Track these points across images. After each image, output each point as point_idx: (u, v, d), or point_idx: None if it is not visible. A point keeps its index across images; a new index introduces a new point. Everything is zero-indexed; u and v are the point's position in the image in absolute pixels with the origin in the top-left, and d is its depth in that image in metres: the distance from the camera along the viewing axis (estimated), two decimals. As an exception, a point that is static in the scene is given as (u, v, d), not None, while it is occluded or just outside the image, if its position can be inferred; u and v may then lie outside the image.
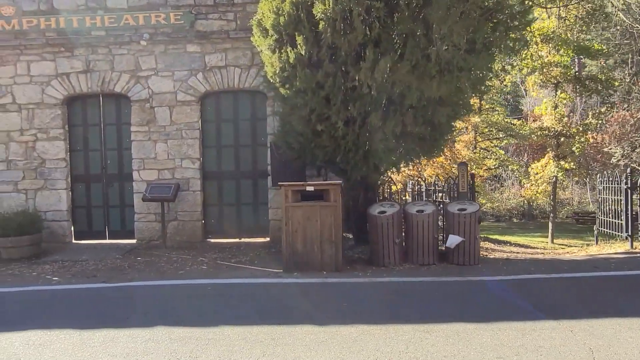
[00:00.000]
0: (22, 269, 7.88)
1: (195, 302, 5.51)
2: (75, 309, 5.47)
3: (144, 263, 7.91)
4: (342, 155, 6.84)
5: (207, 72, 9.06)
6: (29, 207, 9.23)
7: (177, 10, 8.94)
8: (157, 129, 9.17)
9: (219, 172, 9.36)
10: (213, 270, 7.25)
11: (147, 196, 8.73)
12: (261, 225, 9.34)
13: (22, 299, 5.99)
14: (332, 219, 6.62)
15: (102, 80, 9.19)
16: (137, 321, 4.81)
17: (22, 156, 9.33)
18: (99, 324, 4.74)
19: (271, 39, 6.61)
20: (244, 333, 4.38)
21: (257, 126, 9.29)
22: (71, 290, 6.33)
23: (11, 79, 9.30)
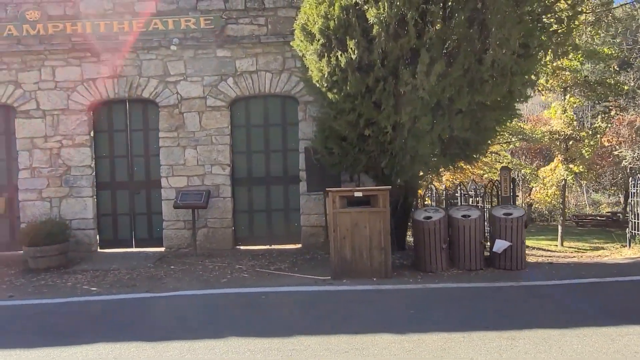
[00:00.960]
0: (54, 279, 7.67)
1: (254, 311, 5.38)
2: (133, 320, 5.30)
3: (180, 271, 7.75)
4: (388, 160, 6.77)
5: (237, 77, 8.95)
6: (53, 215, 9.03)
7: (207, 15, 8.84)
8: (186, 135, 9.03)
9: (249, 178, 9.24)
10: (256, 278, 7.12)
11: (178, 203, 8.57)
12: (292, 232, 9.22)
13: (70, 311, 5.80)
14: (381, 225, 6.54)
15: (129, 86, 9.03)
16: (206, 332, 4.67)
17: (46, 163, 9.12)
18: (168, 336, 4.59)
19: (318, 44, 6.54)
20: (323, 343, 4.27)
21: (288, 131, 9.19)
22: (118, 301, 6.15)
23: (35, 85, 9.10)
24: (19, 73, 9.08)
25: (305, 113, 8.92)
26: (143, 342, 4.45)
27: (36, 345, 4.50)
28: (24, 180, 9.13)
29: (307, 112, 8.91)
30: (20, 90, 9.09)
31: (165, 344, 4.38)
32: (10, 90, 9.08)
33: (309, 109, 8.91)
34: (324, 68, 6.46)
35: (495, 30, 5.66)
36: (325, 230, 8.94)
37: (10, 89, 9.08)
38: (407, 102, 6.25)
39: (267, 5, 8.85)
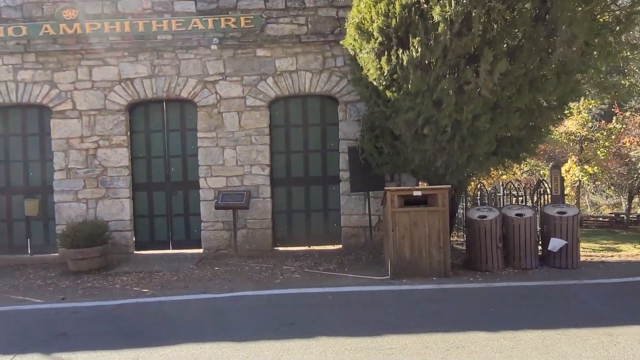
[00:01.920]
0: (99, 281, 7.55)
1: (329, 311, 5.31)
2: (206, 320, 5.21)
3: (227, 273, 7.65)
4: (445, 160, 6.74)
5: (277, 77, 8.89)
6: (89, 217, 8.90)
7: (247, 14, 8.77)
8: (225, 135, 8.94)
9: (287, 179, 9.16)
10: (309, 279, 7.05)
11: (220, 204, 8.48)
12: (331, 233, 9.16)
13: (135, 312, 5.69)
14: (440, 224, 6.51)
15: (167, 86, 8.93)
16: (292, 332, 4.60)
17: (82, 164, 8.99)
18: (255, 336, 4.52)
19: (376, 42, 6.50)
20: (419, 341, 4.22)
21: (327, 131, 9.14)
22: (179, 302, 6.05)
23: (71, 85, 8.97)
24: (55, 73, 8.95)
25: (346, 113, 8.87)
26: (233, 342, 4.38)
27: (122, 347, 4.41)
28: (59, 182, 8.99)
29: (348, 112, 8.87)
30: (56, 90, 8.96)
31: (256, 344, 4.30)
32: (46, 90, 8.95)
33: (350, 109, 8.87)
34: (384, 66, 6.43)
35: (566, 28, 5.66)
36: (365, 231, 8.91)
37: (45, 89, 8.95)
38: (468, 101, 6.23)
39: (308, 4, 8.80)
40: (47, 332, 5.04)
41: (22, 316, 5.84)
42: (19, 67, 8.96)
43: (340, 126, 8.94)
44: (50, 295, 6.88)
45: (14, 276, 8.16)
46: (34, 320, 5.64)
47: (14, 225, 9.27)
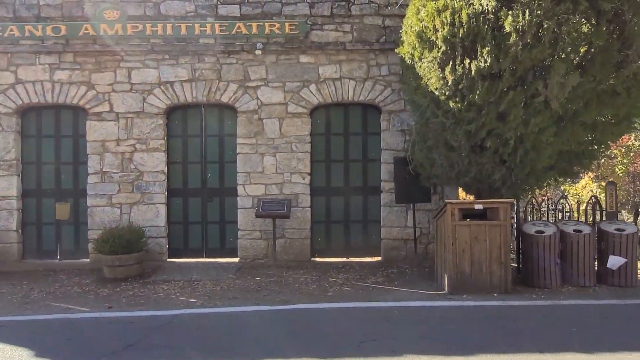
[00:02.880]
0: (139, 289, 7.29)
1: (403, 327, 5.09)
2: (276, 335, 4.97)
3: (271, 283, 7.43)
4: (503, 173, 6.60)
5: (320, 84, 8.74)
6: (122, 222, 8.66)
7: (292, 20, 8.64)
8: (265, 142, 8.76)
9: (327, 188, 8.98)
10: (362, 292, 6.84)
11: (260, 212, 8.27)
12: (370, 245, 8.96)
13: (193, 324, 5.45)
14: (501, 239, 6.34)
15: (208, 90, 8.76)
16: (377, 349, 4.39)
17: (117, 168, 8.76)
18: (340, 351, 4.31)
19: (439, 52, 6.38)
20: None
21: (369, 141, 8.98)
22: (234, 314, 5.81)
23: (109, 87, 8.77)
24: (93, 74, 8.75)
25: (389, 122, 8.74)
26: (322, 359, 4.17)
27: None
28: (93, 185, 8.75)
29: (391, 122, 8.73)
30: (93, 92, 8.75)
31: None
32: (83, 91, 8.74)
33: (393, 119, 8.74)
34: (448, 76, 6.29)
35: (642, 41, 5.59)
36: (406, 243, 8.73)
37: (82, 90, 8.74)
38: (535, 113, 6.11)
39: (354, 12, 8.69)
40: (112, 344, 4.79)
41: (76, 325, 5.57)
42: (55, 67, 8.76)
43: (383, 136, 8.79)
44: (94, 303, 6.62)
45: (47, 282, 7.89)
46: (91, 330, 5.39)
47: (43, 229, 9.01)
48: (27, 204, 8.95)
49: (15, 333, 5.32)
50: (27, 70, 8.74)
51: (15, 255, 8.75)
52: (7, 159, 8.73)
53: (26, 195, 8.94)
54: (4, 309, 6.51)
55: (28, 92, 8.75)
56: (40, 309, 6.42)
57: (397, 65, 8.73)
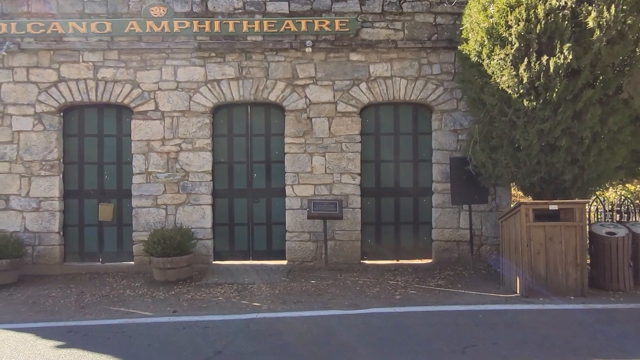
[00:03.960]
0: (195, 292, 7.09)
1: (496, 331, 4.89)
2: (369, 340, 4.74)
3: (331, 287, 7.22)
4: (575, 173, 6.43)
5: (370, 83, 8.56)
6: (167, 224, 8.45)
7: (342, 17, 8.46)
8: (314, 141, 8.56)
9: (376, 189, 8.79)
10: (429, 295, 6.65)
11: (312, 213, 8.07)
12: (420, 246, 8.77)
13: (273, 329, 5.24)
14: (577, 240, 6.17)
15: (255, 88, 8.56)
16: (481, 355, 4.20)
17: (162, 168, 8.55)
18: (445, 356, 4.11)
19: (512, 49, 6.21)
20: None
21: (419, 141, 8.80)
22: (307, 319, 5.60)
23: (155, 85, 8.57)
24: (138, 72, 8.54)
25: (441, 122, 8.56)
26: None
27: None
28: (138, 186, 8.53)
29: (444, 121, 8.56)
30: (138, 90, 8.55)
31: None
32: (127, 90, 8.53)
33: (446, 118, 8.56)
34: (522, 73, 6.12)
35: None
36: (459, 245, 8.54)
37: (127, 88, 8.53)
38: (612, 112, 5.95)
39: (405, 9, 8.52)
40: (199, 350, 4.59)
41: (148, 330, 5.35)
42: (99, 65, 8.54)
43: (435, 136, 8.61)
44: (154, 307, 6.41)
45: (95, 285, 7.67)
46: (167, 335, 5.16)
47: (85, 231, 8.78)
48: (69, 205, 8.72)
49: (90, 339, 5.10)
50: (70, 68, 8.53)
51: (57, 258, 8.51)
52: (49, 159, 8.51)
53: (68, 196, 8.71)
54: (61, 313, 6.30)
55: (71, 91, 8.54)
56: (101, 313, 6.21)
57: (449, 64, 8.57)
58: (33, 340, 5.11)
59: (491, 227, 8.52)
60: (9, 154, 8.48)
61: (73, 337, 5.18)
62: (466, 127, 8.49)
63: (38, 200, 8.48)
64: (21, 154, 8.49)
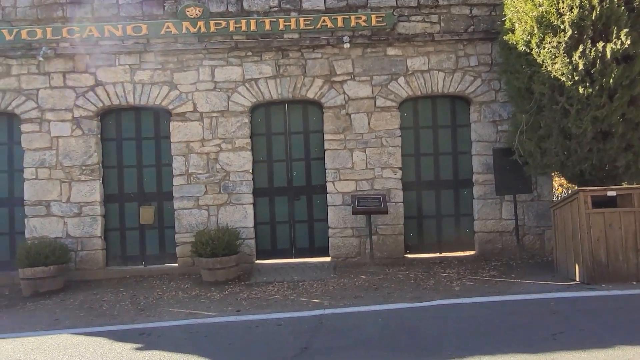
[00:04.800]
0: (249, 291, 7.09)
1: (576, 318, 4.86)
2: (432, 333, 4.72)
3: (384, 281, 7.22)
4: (629, 159, 6.44)
5: (408, 77, 8.56)
6: (210, 224, 8.42)
7: (378, 12, 8.45)
8: (353, 137, 8.55)
9: (417, 182, 8.79)
10: (487, 285, 6.65)
11: (358, 208, 8.07)
12: (462, 239, 8.77)
13: (348, 324, 5.23)
14: (636, 226, 6.17)
15: (293, 86, 8.55)
16: (576, 340, 4.18)
17: (203, 169, 8.53)
18: (538, 348, 4.10)
19: (565, 36, 6.22)
20: None
21: (458, 133, 8.80)
22: (375, 312, 5.58)
23: (192, 86, 8.54)
24: (175, 73, 8.52)
25: (480, 114, 8.56)
26: (531, 354, 3.97)
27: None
28: (179, 187, 8.51)
29: (482, 113, 8.56)
30: (176, 92, 8.52)
31: (561, 355, 3.90)
32: (165, 92, 8.50)
33: (484, 110, 8.56)
34: (577, 60, 6.13)
35: None
36: (502, 236, 8.55)
37: (165, 90, 8.51)
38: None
39: (441, 2, 8.52)
40: (283, 347, 4.58)
41: (220, 330, 5.35)
42: (136, 68, 8.52)
43: (474, 127, 8.61)
44: (215, 307, 6.41)
45: (144, 288, 7.66)
46: (242, 335, 5.14)
47: (126, 235, 8.76)
48: (109, 209, 8.70)
49: (165, 340, 5.09)
50: (106, 72, 8.50)
51: (100, 262, 8.48)
52: (89, 164, 8.48)
53: (108, 200, 8.68)
54: (122, 316, 6.30)
55: (108, 94, 8.51)
56: (163, 315, 6.20)
57: (486, 55, 8.58)
58: (109, 343, 5.09)
59: (533, 216, 8.53)
60: (48, 159, 8.46)
61: (147, 339, 5.17)
62: (505, 118, 8.51)
63: (79, 205, 8.46)
64: (60, 160, 8.46)
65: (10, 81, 8.46)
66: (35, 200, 8.42)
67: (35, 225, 8.40)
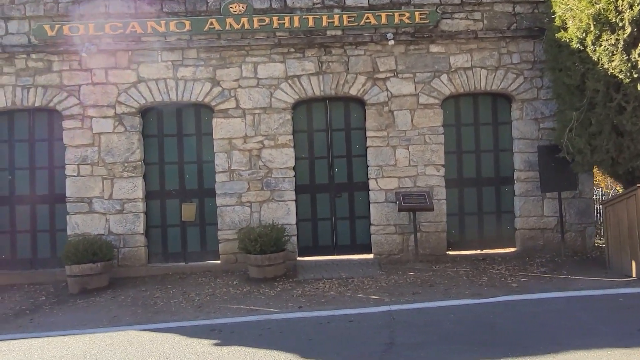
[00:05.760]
0: (301, 288, 7.07)
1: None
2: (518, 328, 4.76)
3: (437, 277, 7.25)
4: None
5: (451, 74, 8.57)
6: (252, 221, 8.41)
7: (421, 9, 8.45)
8: (396, 134, 8.55)
9: (458, 180, 8.80)
10: (543, 282, 6.71)
11: (403, 205, 8.08)
12: (503, 236, 8.77)
13: (418, 320, 5.25)
14: (696, 222, 6.24)
15: (335, 83, 8.54)
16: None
17: (245, 165, 8.50)
18: (630, 342, 4.15)
19: (624, 33, 6.25)
20: None
21: (499, 131, 8.82)
22: (444, 308, 5.63)
23: (235, 82, 8.51)
24: (217, 70, 8.48)
25: (522, 111, 8.58)
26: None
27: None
28: (221, 184, 8.48)
29: (525, 111, 8.58)
30: (219, 88, 8.49)
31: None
32: (208, 88, 8.47)
33: (526, 107, 8.58)
34: (637, 58, 6.15)
35: None
36: (543, 233, 8.57)
37: (207, 87, 8.47)
38: None
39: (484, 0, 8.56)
40: (368, 342, 4.59)
41: (289, 326, 5.34)
42: (178, 64, 8.48)
43: (516, 125, 8.62)
44: (274, 304, 6.40)
45: (191, 285, 7.63)
46: (313, 330, 5.15)
47: (168, 232, 8.73)
48: (150, 206, 8.66)
49: (240, 336, 5.07)
50: (149, 68, 8.46)
51: (143, 259, 8.44)
52: (132, 160, 8.43)
53: (149, 197, 8.65)
54: (181, 313, 6.27)
55: (151, 91, 8.46)
56: (224, 311, 6.19)
57: (528, 53, 8.60)
58: (183, 339, 5.08)
59: (575, 213, 8.56)
60: (90, 156, 8.41)
61: (220, 335, 5.16)
62: (547, 116, 8.54)
63: (121, 202, 8.42)
64: (102, 156, 8.42)
65: (52, 77, 8.42)
66: (77, 197, 8.39)
67: (78, 222, 8.37)
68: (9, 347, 5.22)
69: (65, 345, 5.15)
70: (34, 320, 6.30)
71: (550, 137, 8.46)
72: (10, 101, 8.38)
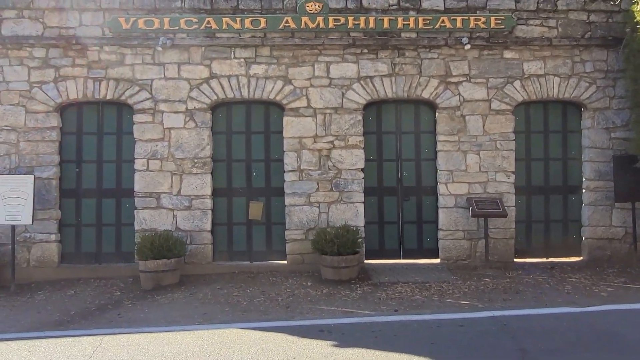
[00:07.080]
0: (383, 291, 7.00)
1: None
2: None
3: (516, 284, 7.20)
4: None
5: (524, 80, 8.54)
6: (320, 222, 8.34)
7: (497, 14, 8.42)
8: (467, 139, 8.51)
9: (527, 187, 8.76)
10: (633, 292, 6.65)
11: (477, 211, 8.02)
12: (570, 244, 8.73)
13: (537, 326, 5.19)
14: None
15: (408, 85, 8.49)
16: None
17: (315, 165, 8.44)
18: None
19: None
20: None
21: (569, 139, 8.79)
22: (549, 316, 5.57)
23: (307, 81, 8.46)
24: (289, 68, 8.43)
25: (594, 120, 8.56)
26: None
27: None
28: (290, 184, 8.41)
29: (596, 120, 8.55)
30: (290, 87, 8.43)
31: None
32: (279, 86, 8.41)
33: (598, 117, 8.56)
34: None
35: None
36: (611, 243, 8.53)
37: (279, 85, 8.41)
38: None
39: (559, 7, 8.51)
40: (497, 348, 4.53)
41: (394, 329, 5.28)
42: (251, 61, 8.42)
43: (587, 134, 8.59)
44: (365, 306, 6.32)
45: (263, 284, 7.53)
46: (448, 332, 5.10)
47: (234, 230, 8.65)
48: (217, 203, 8.59)
49: (353, 338, 5.00)
50: (221, 64, 8.40)
51: (209, 257, 8.36)
52: (202, 157, 8.36)
53: (216, 194, 8.58)
54: (272, 312, 6.22)
55: (223, 87, 8.40)
56: (316, 312, 6.12)
57: (601, 62, 8.57)
58: (296, 340, 5.00)
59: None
60: (160, 151, 8.34)
61: (332, 337, 5.08)
62: (619, 125, 8.52)
63: (189, 198, 8.34)
64: (172, 151, 8.34)
65: (124, 70, 8.35)
66: (145, 192, 8.31)
67: (145, 217, 8.29)
68: (116, 341, 5.14)
69: (173, 341, 5.07)
70: (123, 316, 6.20)
71: (622, 146, 8.46)
72: (81, 93, 8.31)
